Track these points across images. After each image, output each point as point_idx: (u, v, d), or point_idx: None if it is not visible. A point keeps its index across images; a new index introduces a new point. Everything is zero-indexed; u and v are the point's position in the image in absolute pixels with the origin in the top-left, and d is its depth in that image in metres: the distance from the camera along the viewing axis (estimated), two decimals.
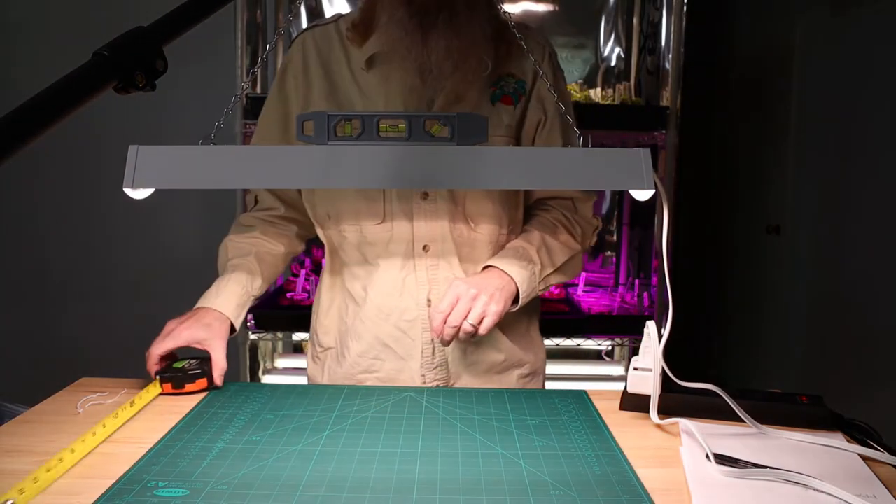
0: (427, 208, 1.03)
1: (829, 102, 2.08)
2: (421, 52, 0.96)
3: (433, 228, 1.04)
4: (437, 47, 0.95)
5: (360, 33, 1.03)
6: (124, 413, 0.86)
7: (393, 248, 1.05)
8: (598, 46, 2.19)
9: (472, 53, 0.98)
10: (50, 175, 2.21)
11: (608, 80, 2.18)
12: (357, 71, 1.04)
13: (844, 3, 1.99)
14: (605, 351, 2.20)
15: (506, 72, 1.07)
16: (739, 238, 2.60)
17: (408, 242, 1.04)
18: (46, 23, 2.19)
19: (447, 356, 1.07)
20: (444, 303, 0.96)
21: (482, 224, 1.06)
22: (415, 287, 1.05)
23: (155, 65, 0.61)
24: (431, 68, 0.98)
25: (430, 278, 1.06)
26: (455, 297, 0.96)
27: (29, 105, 0.51)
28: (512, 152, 0.72)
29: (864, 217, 1.88)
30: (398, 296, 1.05)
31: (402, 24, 0.94)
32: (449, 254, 1.05)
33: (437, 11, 0.93)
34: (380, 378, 1.08)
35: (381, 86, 1.03)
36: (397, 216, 1.04)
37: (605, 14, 2.18)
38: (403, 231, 1.04)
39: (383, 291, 1.06)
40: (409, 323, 1.06)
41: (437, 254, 1.05)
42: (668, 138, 1.81)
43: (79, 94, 0.55)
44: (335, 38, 1.07)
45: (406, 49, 0.96)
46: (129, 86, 0.60)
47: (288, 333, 1.90)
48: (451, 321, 0.95)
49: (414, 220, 1.04)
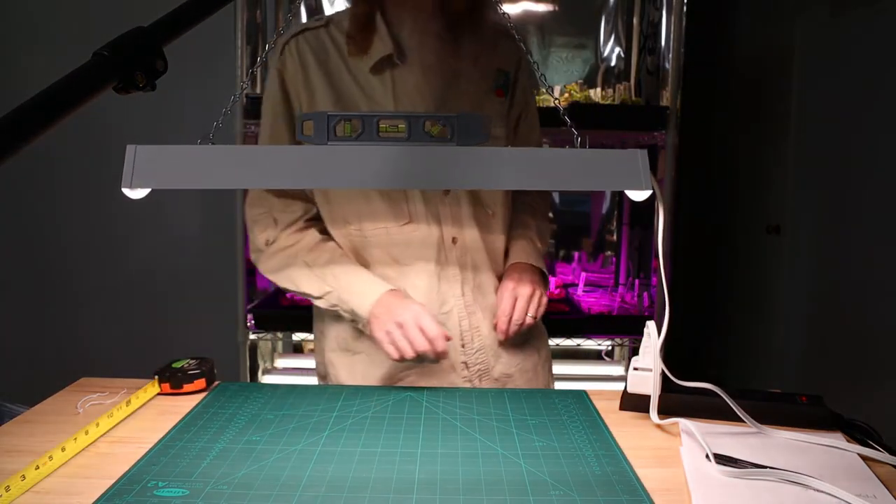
0: (450, 202, 1.07)
1: (829, 102, 2.08)
2: (450, 59, 0.98)
3: (458, 221, 1.08)
4: (465, 55, 0.98)
5: (359, 42, 1.03)
6: (119, 412, 0.86)
7: (423, 245, 1.07)
8: (598, 46, 2.19)
9: (491, 57, 1.08)
10: (51, 176, 2.21)
11: (608, 80, 2.18)
12: (360, 76, 1.04)
13: (844, 3, 1.99)
14: (605, 351, 2.20)
15: (496, 65, 1.10)
16: (739, 238, 2.60)
17: (438, 238, 1.07)
18: (46, 23, 2.19)
19: (484, 340, 1.10)
20: (506, 304, 1.06)
21: (497, 208, 1.11)
22: (450, 278, 1.08)
23: (155, 65, 0.61)
24: (459, 74, 1.02)
25: (461, 267, 1.09)
26: (513, 297, 1.07)
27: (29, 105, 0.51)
28: (511, 152, 0.72)
29: (864, 217, 1.88)
30: (435, 290, 1.08)
31: (436, 34, 0.96)
32: (475, 242, 1.09)
33: (467, 19, 1.02)
34: (421, 372, 1.09)
35: (389, 90, 1.03)
36: (423, 215, 1.06)
37: (605, 14, 2.18)
38: (432, 228, 1.07)
39: (420, 288, 1.07)
40: (447, 315, 1.08)
41: (465, 243, 1.09)
42: (668, 138, 1.81)
43: (79, 94, 0.55)
44: (328, 43, 1.06)
45: (436, 56, 0.97)
46: (129, 86, 0.60)
47: (288, 333, 1.90)
48: (515, 319, 1.06)
49: (441, 216, 1.06)
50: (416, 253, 1.07)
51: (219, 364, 1.01)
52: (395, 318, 0.98)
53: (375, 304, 1.01)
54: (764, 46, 2.42)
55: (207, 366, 0.98)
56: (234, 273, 1.85)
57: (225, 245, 1.97)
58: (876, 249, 1.82)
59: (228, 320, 1.94)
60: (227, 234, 1.93)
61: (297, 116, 1.06)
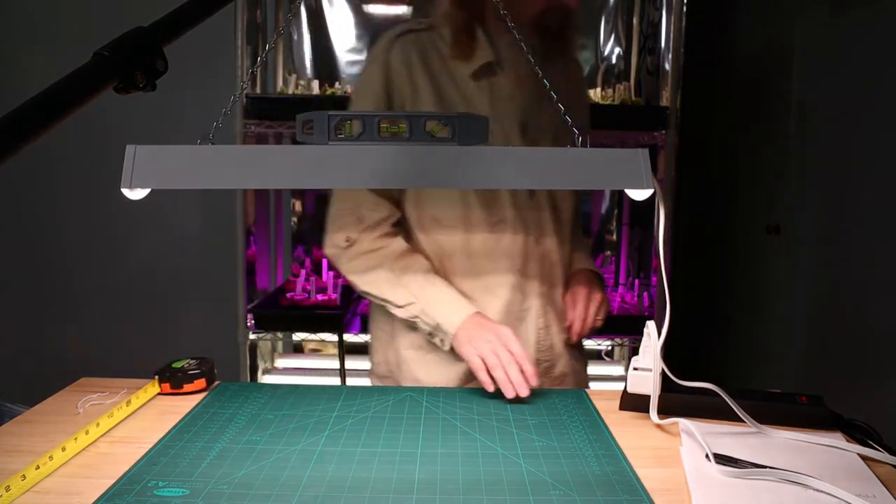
0: (532, 205, 1.11)
1: (829, 102, 2.08)
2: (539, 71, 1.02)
3: (539, 221, 1.13)
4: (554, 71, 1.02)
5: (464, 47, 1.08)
6: (119, 412, 0.86)
7: (509, 247, 1.11)
8: (598, 46, 2.19)
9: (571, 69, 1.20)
10: (51, 176, 2.21)
11: (608, 80, 2.18)
12: (460, 80, 1.09)
13: (844, 3, 1.99)
14: (605, 351, 2.20)
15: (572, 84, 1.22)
16: (739, 238, 2.61)
17: (523, 240, 1.11)
18: (46, 23, 2.19)
19: (553, 339, 1.15)
20: (581, 308, 1.14)
21: (564, 205, 1.16)
22: (531, 277, 1.13)
23: (155, 65, 0.61)
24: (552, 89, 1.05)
25: (541, 266, 1.13)
26: (586, 301, 1.15)
27: (29, 105, 0.51)
28: (511, 152, 0.72)
29: (864, 217, 1.88)
30: (519, 289, 1.11)
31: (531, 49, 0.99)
32: (552, 240, 1.15)
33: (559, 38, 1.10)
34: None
35: (486, 95, 1.09)
36: (512, 217, 1.10)
37: (605, 14, 2.18)
38: (517, 231, 1.10)
39: (507, 287, 1.10)
40: (526, 311, 1.13)
41: (545, 244, 1.14)
42: (668, 138, 1.81)
43: (79, 94, 0.55)
44: (431, 45, 1.10)
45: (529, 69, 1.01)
46: (130, 86, 0.59)
47: (288, 333, 1.90)
48: (588, 324, 1.15)
49: (525, 218, 1.11)
50: (504, 254, 1.11)
51: (219, 364, 1.01)
52: (486, 341, 0.99)
53: (463, 323, 1.03)
54: (764, 46, 2.42)
55: (207, 366, 0.98)
56: (234, 273, 1.85)
57: (225, 245, 1.97)
58: (876, 249, 1.82)
59: (228, 320, 1.94)
60: (227, 234, 1.93)
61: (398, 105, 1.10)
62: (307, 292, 1.91)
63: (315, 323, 1.84)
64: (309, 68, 2.14)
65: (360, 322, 1.87)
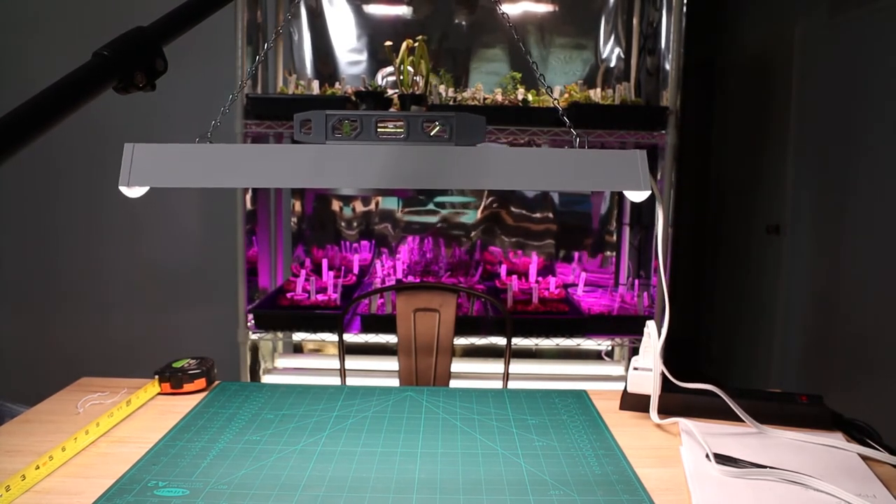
0: None
1: (829, 102, 2.08)
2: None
3: None
4: None
5: None
6: (119, 412, 0.86)
7: None
8: (598, 47, 2.19)
9: None
10: (51, 176, 2.21)
11: (608, 80, 2.18)
12: None
13: (843, 4, 1.98)
14: (605, 351, 2.20)
15: None
16: (739, 238, 2.60)
17: None
18: (46, 23, 2.19)
19: None
20: None
21: None
22: None
23: (155, 65, 0.61)
24: None
25: None
26: None
27: (29, 105, 0.51)
28: (509, 153, 0.72)
29: (864, 217, 1.88)
30: None
31: None
32: None
33: None
34: None
35: None
36: None
37: (605, 14, 2.18)
38: None
39: None
40: None
41: None
42: (668, 138, 1.81)
43: (79, 94, 0.55)
44: None
45: None
46: (129, 86, 0.59)
47: (288, 333, 1.89)
48: None
49: None
50: None
51: (219, 364, 1.02)
52: None
53: None
54: (764, 47, 2.42)
55: (207, 366, 0.98)
56: (234, 273, 1.85)
57: (225, 245, 1.97)
58: (875, 249, 1.81)
59: (228, 320, 1.94)
60: (227, 234, 1.93)
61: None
62: (307, 292, 1.91)
63: (315, 323, 1.84)
64: (309, 68, 2.14)
65: (360, 322, 1.87)
